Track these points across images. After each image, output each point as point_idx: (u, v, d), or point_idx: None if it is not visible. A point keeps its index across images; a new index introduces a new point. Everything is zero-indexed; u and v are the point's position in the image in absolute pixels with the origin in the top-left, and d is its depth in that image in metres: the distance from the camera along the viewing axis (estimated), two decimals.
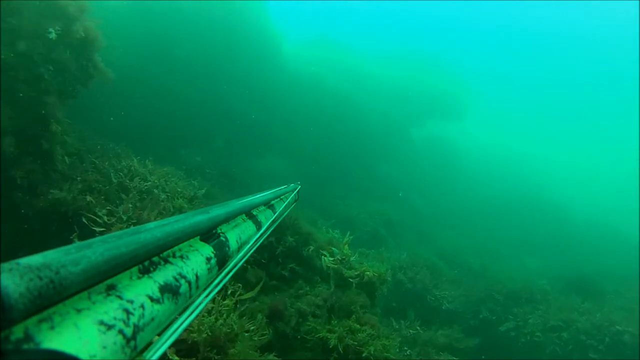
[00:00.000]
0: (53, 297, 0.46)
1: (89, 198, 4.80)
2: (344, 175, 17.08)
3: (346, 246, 5.41)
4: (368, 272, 5.07)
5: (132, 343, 0.58)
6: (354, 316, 4.51)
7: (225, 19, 13.54)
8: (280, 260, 5.14)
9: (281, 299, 4.60)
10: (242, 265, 3.78)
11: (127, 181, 5.79)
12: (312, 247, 5.31)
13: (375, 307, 5.22)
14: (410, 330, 6.72)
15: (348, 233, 5.82)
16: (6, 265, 0.42)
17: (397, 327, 6.73)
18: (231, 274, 1.00)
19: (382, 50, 24.48)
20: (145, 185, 5.97)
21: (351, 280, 5.00)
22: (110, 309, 0.56)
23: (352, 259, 5.29)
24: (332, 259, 5.16)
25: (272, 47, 15.76)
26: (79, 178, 5.28)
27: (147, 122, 12.09)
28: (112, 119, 10.91)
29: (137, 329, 0.59)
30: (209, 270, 0.93)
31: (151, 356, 0.60)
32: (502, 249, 16.35)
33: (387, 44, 26.16)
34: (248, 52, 14.31)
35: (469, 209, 20.79)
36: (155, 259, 0.75)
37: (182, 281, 0.79)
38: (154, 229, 0.73)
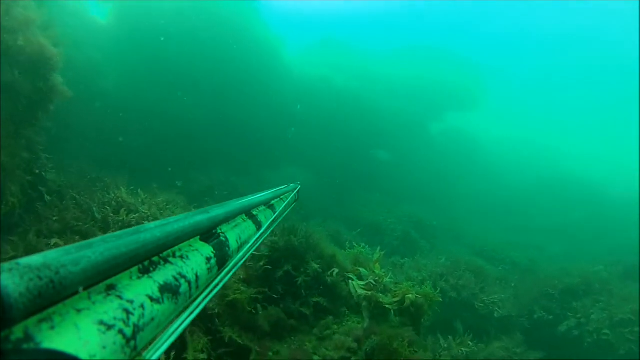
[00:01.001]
0: (53, 297, 0.46)
1: (55, 241, 4.30)
2: (365, 180, 16.33)
3: (377, 264, 4.43)
4: (410, 295, 4.00)
5: (132, 343, 0.58)
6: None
7: (224, 34, 13.28)
8: (304, 293, 4.11)
9: (302, 346, 3.63)
10: (249, 309, 3.58)
11: (112, 215, 5.17)
12: (336, 270, 4.35)
13: (423, 338, 4.18)
14: (463, 349, 5.65)
15: (378, 248, 4.93)
16: (6, 265, 0.42)
17: (445, 345, 5.72)
18: (231, 274, 1.00)
19: (391, 47, 23.71)
20: (133, 218, 5.36)
21: (389, 307, 3.98)
22: (110, 309, 0.56)
23: (386, 280, 4.24)
24: (362, 283, 4.14)
25: (275, 55, 15.40)
26: (55, 218, 4.62)
27: (150, 149, 11.83)
28: (111, 148, 10.65)
29: (137, 329, 0.59)
30: (209, 270, 0.93)
31: (151, 356, 0.60)
32: (542, 239, 15.36)
33: (396, 41, 25.24)
34: (251, 64, 14.02)
35: (499, 201, 20.08)
36: (155, 258, 0.75)
37: (182, 281, 0.79)
38: (154, 229, 0.73)
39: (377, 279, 4.23)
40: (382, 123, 17.00)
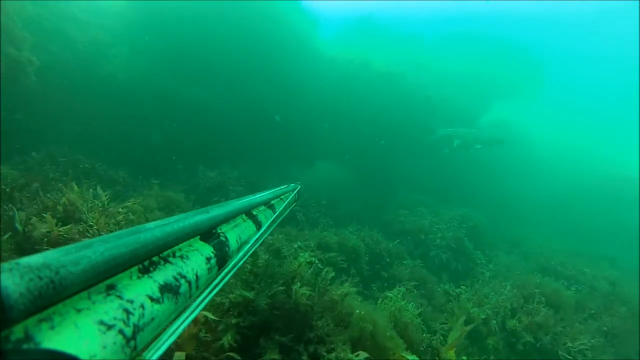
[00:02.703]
0: (53, 297, 0.46)
1: None
2: (408, 178, 14.51)
3: (452, 351, 2.70)
4: None
5: (132, 343, 0.58)
6: None
7: (245, 14, 11.92)
8: None
9: None
10: None
11: (31, 225, 3.58)
12: (363, 356, 2.26)
13: None
14: None
15: (461, 320, 3.14)
16: (6, 265, 0.42)
17: None
18: (231, 273, 1.00)
19: (440, 32, 21.42)
20: (62, 232, 3.52)
21: None
22: (110, 309, 0.56)
23: None
24: None
25: (305, 35, 13.70)
26: None
27: (160, 140, 10.95)
28: (115, 138, 10.02)
29: (137, 329, 0.60)
30: (209, 270, 0.93)
31: (151, 356, 0.60)
32: (607, 246, 12.99)
33: (445, 26, 22.57)
34: (277, 47, 12.48)
35: (553, 203, 18.24)
36: (155, 258, 0.75)
37: (182, 281, 0.79)
38: (154, 229, 0.74)
39: None
40: (430, 114, 14.81)
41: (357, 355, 2.29)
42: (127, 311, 0.59)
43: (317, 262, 5.00)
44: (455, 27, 22.30)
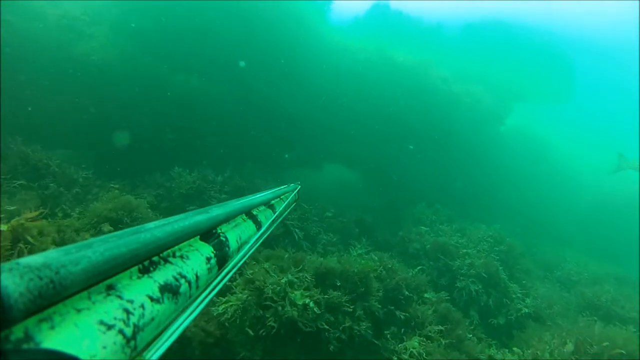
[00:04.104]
0: (53, 297, 0.46)
1: None
2: (427, 185, 12.83)
3: None
4: None
5: (132, 343, 0.58)
6: None
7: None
8: None
9: None
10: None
11: None
12: None
13: None
14: None
15: None
16: (6, 265, 0.42)
17: None
18: (231, 273, 1.00)
19: (463, 23, 19.76)
20: None
21: None
22: (110, 309, 0.56)
23: None
24: None
25: (315, 22, 12.44)
26: None
27: (138, 136, 9.62)
28: (82, 129, 8.73)
29: (137, 329, 0.60)
30: (209, 270, 0.93)
31: (151, 356, 0.60)
32: None
33: (465, 21, 20.51)
34: (284, 32, 11.25)
35: (581, 217, 16.64)
36: (155, 258, 0.75)
37: (182, 281, 0.79)
38: (154, 229, 0.74)
39: None
40: (452, 111, 12.95)
41: None
42: (127, 311, 0.59)
43: (312, 305, 4.20)
44: (480, 22, 20.50)
